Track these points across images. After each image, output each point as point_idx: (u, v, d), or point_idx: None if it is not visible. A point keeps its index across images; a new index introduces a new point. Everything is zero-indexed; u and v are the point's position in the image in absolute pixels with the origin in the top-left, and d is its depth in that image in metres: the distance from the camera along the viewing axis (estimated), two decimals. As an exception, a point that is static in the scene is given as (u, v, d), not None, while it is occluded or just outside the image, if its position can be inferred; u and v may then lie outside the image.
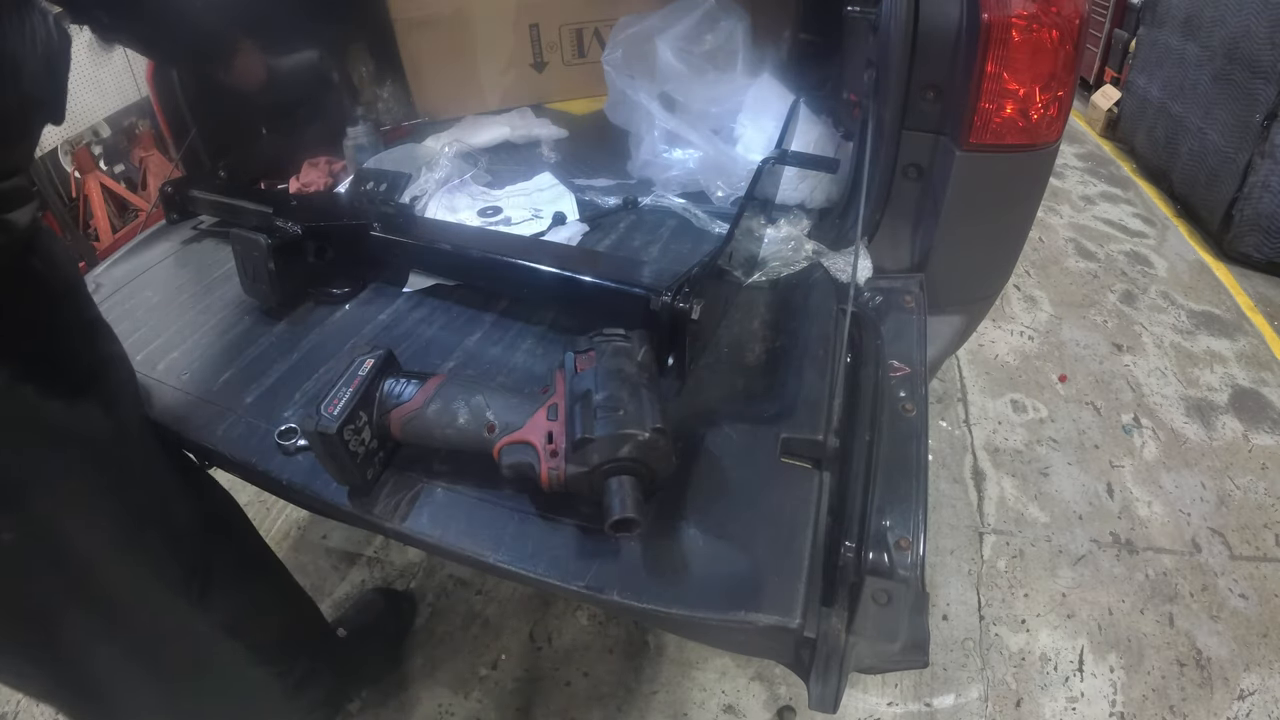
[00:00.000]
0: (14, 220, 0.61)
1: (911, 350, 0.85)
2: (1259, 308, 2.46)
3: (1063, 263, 2.69)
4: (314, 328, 0.95)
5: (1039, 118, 0.84)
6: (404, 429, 0.68)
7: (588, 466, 0.59)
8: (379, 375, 0.68)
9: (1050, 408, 1.99)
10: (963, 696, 1.32)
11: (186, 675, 0.88)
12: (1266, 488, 1.77)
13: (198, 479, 0.92)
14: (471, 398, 0.67)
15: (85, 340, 0.72)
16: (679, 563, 0.62)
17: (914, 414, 0.77)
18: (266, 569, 1.06)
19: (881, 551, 0.63)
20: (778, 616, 0.57)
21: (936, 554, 1.56)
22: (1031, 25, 0.79)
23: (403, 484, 0.71)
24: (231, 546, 0.95)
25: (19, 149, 0.63)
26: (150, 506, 0.79)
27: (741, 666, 1.35)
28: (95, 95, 2.43)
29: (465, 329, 0.93)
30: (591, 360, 0.67)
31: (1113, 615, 1.47)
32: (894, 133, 0.90)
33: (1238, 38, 2.60)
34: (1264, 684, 1.36)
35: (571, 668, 1.36)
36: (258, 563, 1.04)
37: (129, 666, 0.81)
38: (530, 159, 1.42)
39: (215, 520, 0.93)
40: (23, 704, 1.30)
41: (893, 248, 0.99)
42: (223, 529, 0.95)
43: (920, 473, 0.70)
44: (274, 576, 1.07)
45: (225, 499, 0.99)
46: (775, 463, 0.70)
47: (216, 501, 0.97)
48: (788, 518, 0.64)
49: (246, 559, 1.00)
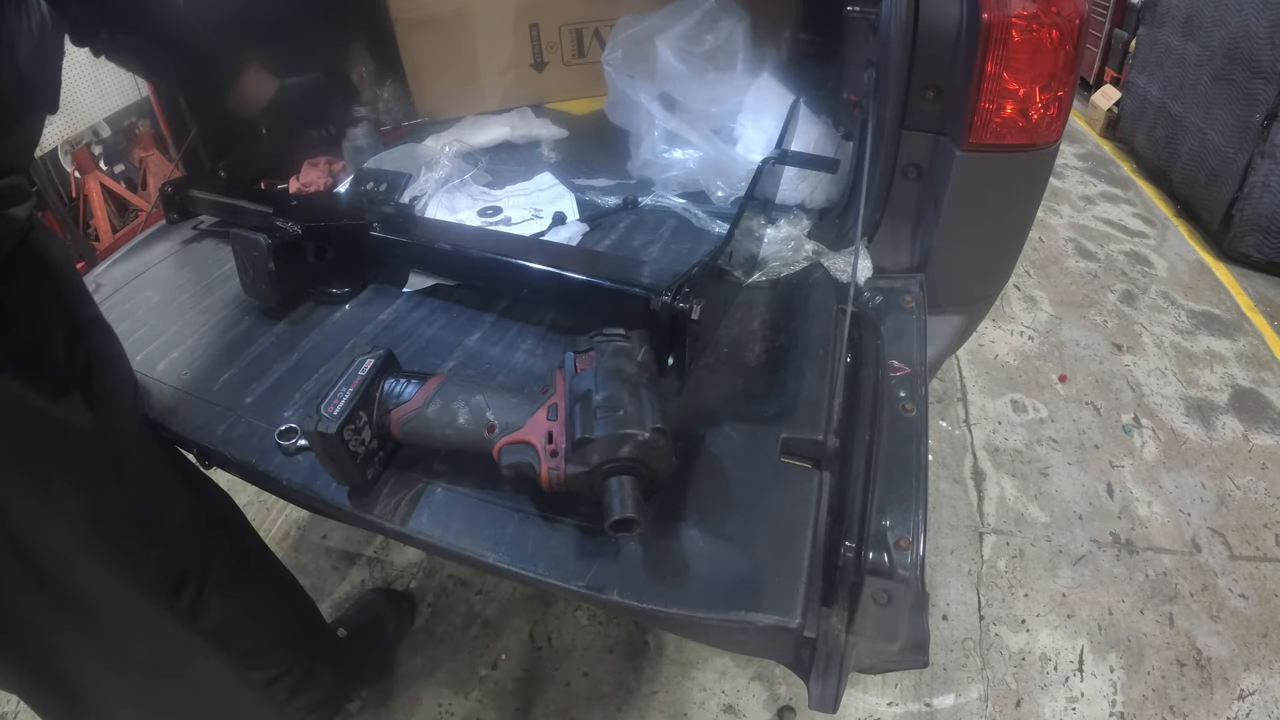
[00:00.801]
0: (13, 215, 0.61)
1: (911, 350, 0.85)
2: (1259, 308, 2.46)
3: (1063, 263, 2.69)
4: (314, 328, 0.95)
5: (1039, 118, 0.84)
6: (404, 429, 0.68)
7: (588, 466, 0.59)
8: (379, 375, 0.68)
9: (1050, 408, 1.99)
10: (963, 696, 1.32)
11: (168, 678, 0.87)
12: (1266, 488, 1.77)
13: (197, 479, 0.92)
14: (471, 398, 0.67)
15: (77, 338, 0.72)
16: (679, 563, 0.62)
17: (914, 414, 0.77)
18: (266, 568, 1.06)
19: (881, 551, 0.63)
20: (778, 616, 0.57)
21: (936, 554, 1.56)
22: (1031, 25, 0.79)
23: (403, 484, 0.71)
24: (230, 546, 0.95)
25: (14, 137, 0.62)
26: (145, 506, 0.79)
27: (741, 666, 1.35)
28: (95, 95, 2.43)
29: (465, 329, 0.93)
30: (591, 360, 0.67)
31: (1113, 615, 1.47)
32: (894, 133, 0.90)
33: (1238, 38, 2.60)
34: (1264, 684, 1.36)
35: (571, 668, 1.36)
36: (257, 562, 1.04)
37: (100, 667, 0.81)
38: (530, 159, 1.42)
39: (214, 520, 0.93)
40: (23, 703, 1.30)
41: (893, 248, 0.98)
42: (221, 528, 0.95)
43: (920, 473, 0.70)
44: (273, 576, 1.07)
45: (224, 499, 0.99)
46: (775, 463, 0.70)
47: (215, 502, 0.97)
48: (788, 518, 0.64)
49: (245, 558, 1.00)
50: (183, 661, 0.88)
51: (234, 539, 0.99)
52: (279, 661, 0.99)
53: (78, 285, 0.76)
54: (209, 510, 0.92)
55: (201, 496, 0.92)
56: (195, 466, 0.89)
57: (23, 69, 0.58)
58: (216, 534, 0.92)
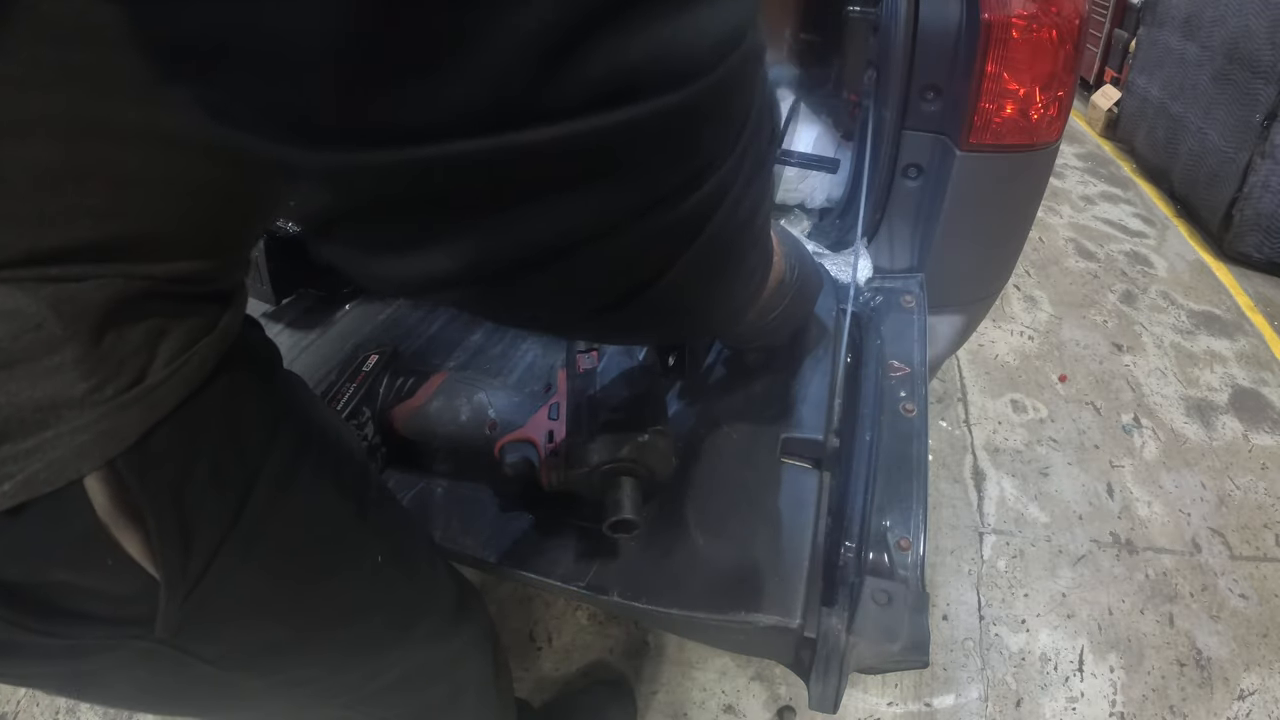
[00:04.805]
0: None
1: (911, 350, 0.85)
2: (1259, 308, 2.46)
3: (1063, 263, 2.69)
4: (315, 328, 0.95)
5: (1039, 118, 0.84)
6: (406, 425, 0.68)
7: (587, 466, 0.59)
8: (383, 371, 0.69)
9: (1050, 408, 1.99)
10: (963, 696, 1.32)
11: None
12: (1266, 488, 1.77)
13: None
14: (473, 395, 0.67)
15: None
16: (679, 563, 0.62)
17: (914, 414, 0.77)
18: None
19: (881, 551, 0.63)
20: (778, 616, 0.57)
21: (936, 554, 1.56)
22: (1031, 25, 0.79)
23: (403, 483, 0.71)
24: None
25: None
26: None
27: (741, 666, 1.35)
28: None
29: (466, 328, 0.93)
30: (595, 359, 0.68)
31: (1113, 615, 1.47)
32: (894, 133, 0.90)
33: (1238, 38, 2.60)
34: (1264, 684, 1.36)
35: (571, 668, 1.36)
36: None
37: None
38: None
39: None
40: (23, 703, 1.30)
41: (893, 248, 0.99)
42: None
43: (920, 473, 0.70)
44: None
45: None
46: (775, 463, 0.70)
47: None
48: (788, 518, 0.64)
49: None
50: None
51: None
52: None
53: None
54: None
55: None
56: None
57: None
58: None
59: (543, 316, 0.31)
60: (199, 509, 0.36)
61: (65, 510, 0.31)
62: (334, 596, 0.48)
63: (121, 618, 0.36)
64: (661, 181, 0.25)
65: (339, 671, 0.53)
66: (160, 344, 0.33)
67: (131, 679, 0.42)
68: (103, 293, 0.30)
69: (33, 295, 0.29)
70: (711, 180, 0.26)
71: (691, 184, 0.25)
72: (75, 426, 0.30)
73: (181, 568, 0.36)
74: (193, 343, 0.34)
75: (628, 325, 0.33)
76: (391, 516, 0.55)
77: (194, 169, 0.32)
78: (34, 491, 0.29)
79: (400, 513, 0.57)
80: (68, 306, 0.29)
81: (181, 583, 0.36)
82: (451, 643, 0.64)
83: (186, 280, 0.34)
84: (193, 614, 0.38)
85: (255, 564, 0.40)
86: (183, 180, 0.32)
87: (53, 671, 0.39)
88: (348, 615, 0.50)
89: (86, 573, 0.34)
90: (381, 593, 0.53)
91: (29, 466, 0.29)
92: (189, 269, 0.34)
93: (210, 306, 0.36)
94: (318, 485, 0.45)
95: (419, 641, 0.59)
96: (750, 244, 0.36)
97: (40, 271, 0.29)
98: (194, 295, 0.35)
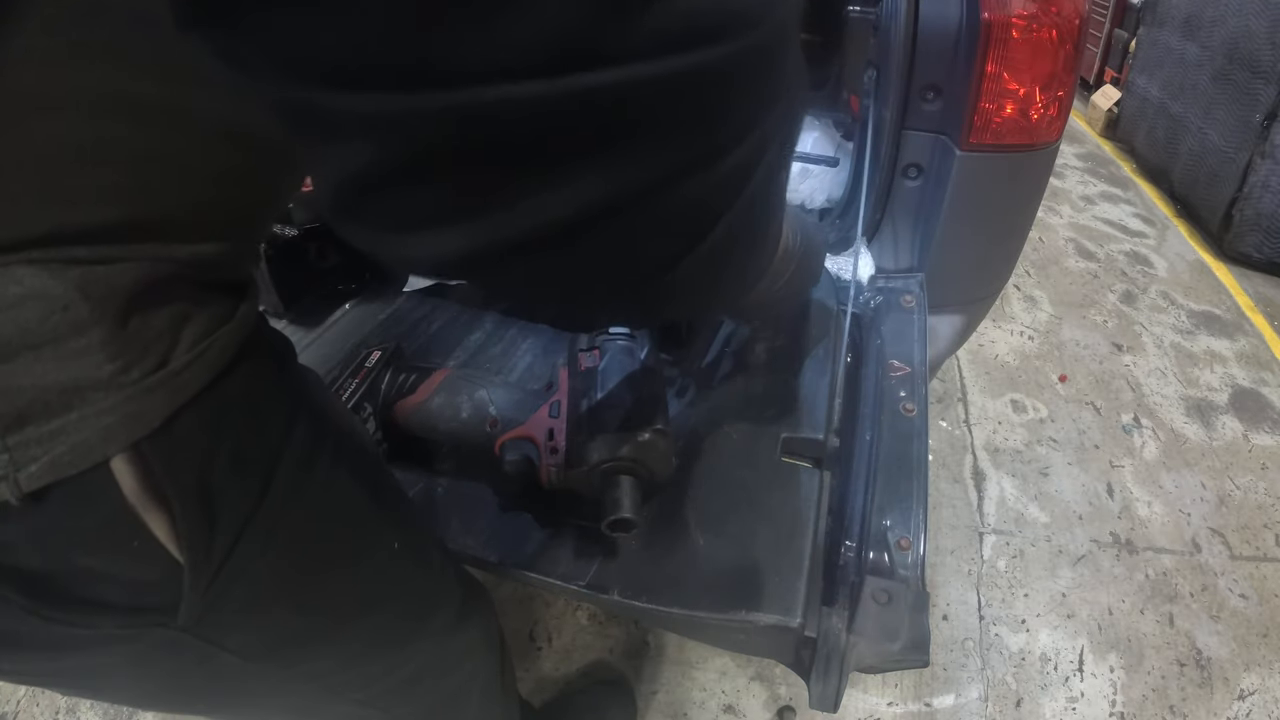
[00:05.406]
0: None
1: (911, 350, 0.85)
2: (1259, 308, 2.46)
3: (1063, 263, 2.69)
4: (315, 328, 0.95)
5: (1039, 118, 0.84)
6: (407, 422, 0.68)
7: (587, 464, 0.59)
8: (385, 368, 0.69)
9: (1050, 408, 1.99)
10: (963, 696, 1.32)
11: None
12: (1266, 488, 1.77)
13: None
14: (475, 392, 0.67)
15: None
16: (679, 562, 0.62)
17: (914, 414, 0.77)
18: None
19: (882, 551, 0.63)
20: (778, 616, 0.57)
21: (936, 554, 1.56)
22: (1031, 25, 0.79)
23: (404, 481, 0.71)
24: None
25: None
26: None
27: (741, 666, 1.35)
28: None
29: (467, 327, 0.93)
30: (596, 359, 0.68)
31: (1113, 615, 1.47)
32: (894, 133, 0.90)
33: (1238, 38, 2.60)
34: (1264, 684, 1.36)
35: (571, 668, 1.36)
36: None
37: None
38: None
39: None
40: (23, 703, 1.30)
41: (893, 248, 0.99)
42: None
43: (920, 473, 0.70)
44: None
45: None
46: (775, 463, 0.70)
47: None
48: (788, 518, 0.64)
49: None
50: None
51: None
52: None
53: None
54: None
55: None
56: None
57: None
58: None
59: (578, 295, 0.30)
60: (223, 493, 0.36)
61: (92, 493, 0.31)
62: (352, 585, 0.49)
63: (140, 605, 0.36)
64: (716, 133, 0.24)
65: (358, 663, 0.53)
66: (184, 329, 0.33)
67: (147, 673, 0.41)
68: (129, 276, 0.31)
69: (60, 277, 0.29)
70: (756, 134, 0.25)
71: (739, 136, 0.25)
72: (101, 409, 0.30)
73: (206, 551, 0.36)
74: (214, 329, 0.35)
75: (663, 296, 0.31)
76: (403, 508, 0.55)
77: (213, 147, 0.33)
78: (60, 473, 0.30)
79: (410, 505, 0.58)
80: (95, 289, 0.30)
81: (206, 566, 0.36)
82: (460, 637, 0.64)
83: (207, 264, 0.35)
84: (215, 601, 0.38)
85: (276, 550, 0.40)
86: (202, 158, 0.33)
87: (63, 667, 0.39)
88: (366, 605, 0.50)
89: (112, 557, 0.34)
90: (397, 583, 0.53)
91: (54, 449, 0.29)
92: (210, 251, 0.35)
93: (228, 297, 0.37)
94: (335, 474, 0.45)
95: (434, 634, 0.59)
96: (779, 203, 0.35)
97: (67, 253, 0.29)
98: (213, 283, 0.36)
